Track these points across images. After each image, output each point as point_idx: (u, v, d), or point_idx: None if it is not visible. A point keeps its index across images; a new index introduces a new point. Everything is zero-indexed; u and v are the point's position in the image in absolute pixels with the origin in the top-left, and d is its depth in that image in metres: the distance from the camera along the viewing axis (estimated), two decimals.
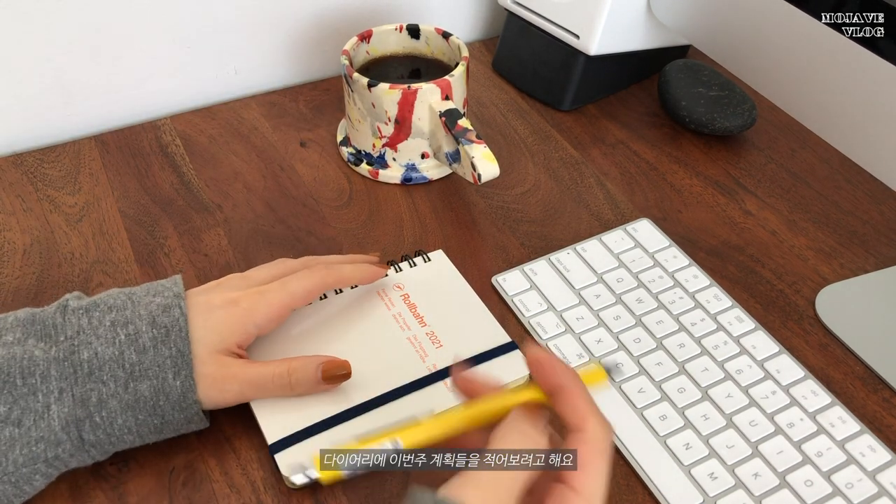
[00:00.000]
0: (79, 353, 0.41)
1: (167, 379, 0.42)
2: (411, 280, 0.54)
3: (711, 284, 0.55)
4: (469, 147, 0.58)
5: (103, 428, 0.41)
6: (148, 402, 0.42)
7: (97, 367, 0.41)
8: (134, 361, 0.42)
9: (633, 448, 0.46)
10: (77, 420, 0.40)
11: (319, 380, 0.45)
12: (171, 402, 0.42)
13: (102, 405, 0.41)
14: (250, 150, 0.67)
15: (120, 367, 0.41)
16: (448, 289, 0.54)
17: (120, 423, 0.41)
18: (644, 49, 0.73)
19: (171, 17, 0.69)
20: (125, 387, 0.41)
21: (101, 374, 0.41)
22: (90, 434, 0.41)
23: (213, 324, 0.45)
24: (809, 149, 0.69)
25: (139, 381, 0.42)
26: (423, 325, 0.51)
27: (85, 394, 0.41)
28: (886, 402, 0.50)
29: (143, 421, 0.42)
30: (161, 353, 0.42)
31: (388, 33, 0.66)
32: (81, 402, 0.41)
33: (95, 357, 0.41)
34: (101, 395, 0.41)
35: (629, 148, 0.69)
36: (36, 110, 0.68)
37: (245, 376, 0.44)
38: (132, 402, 0.41)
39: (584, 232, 0.60)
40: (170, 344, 0.42)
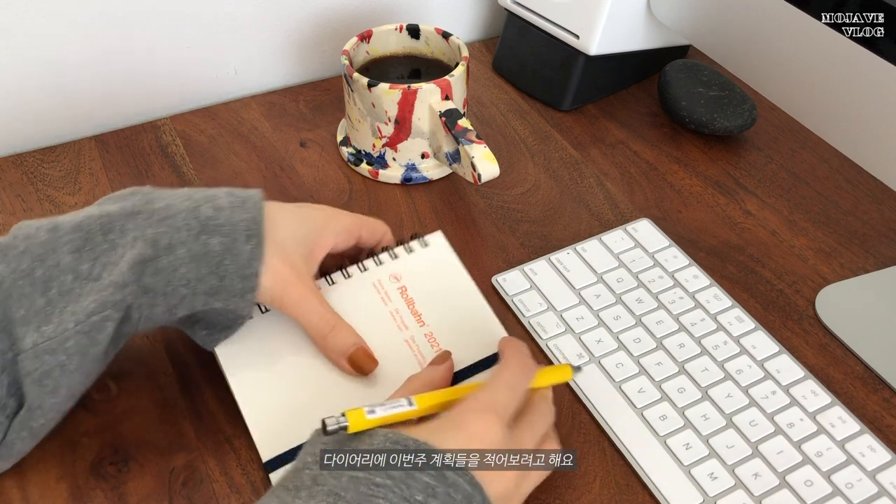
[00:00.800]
0: (152, 204, 0.42)
1: (238, 240, 0.42)
2: (409, 271, 0.51)
3: (711, 284, 0.55)
4: (469, 147, 0.58)
5: (165, 273, 0.41)
6: (215, 257, 0.41)
7: (171, 213, 0.42)
8: (210, 215, 0.42)
9: (633, 448, 0.46)
10: (143, 260, 0.40)
11: (346, 354, 0.46)
12: (237, 264, 0.42)
13: (171, 250, 0.41)
14: (250, 150, 0.67)
15: (194, 217, 0.42)
16: (448, 281, 0.51)
17: (182, 272, 0.41)
18: (644, 49, 0.73)
19: (171, 17, 0.69)
20: (196, 237, 0.41)
21: (175, 220, 0.41)
22: (150, 277, 0.41)
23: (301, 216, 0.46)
24: (809, 149, 0.69)
25: (211, 234, 0.42)
26: (421, 325, 0.49)
27: (157, 236, 0.41)
28: (886, 402, 0.50)
29: (203, 276, 0.42)
30: (236, 214, 0.42)
31: (388, 33, 0.66)
32: (153, 243, 0.41)
33: (171, 206, 0.42)
34: (172, 240, 0.41)
35: (629, 148, 0.69)
36: (36, 110, 0.68)
37: (303, 299, 0.45)
38: (200, 254, 0.41)
39: (584, 232, 0.60)
40: (246, 209, 0.43)
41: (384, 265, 0.51)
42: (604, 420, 0.48)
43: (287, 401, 0.46)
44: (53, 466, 0.45)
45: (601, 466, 0.46)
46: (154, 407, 0.48)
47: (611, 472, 0.46)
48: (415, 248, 0.52)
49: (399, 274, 0.51)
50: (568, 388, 0.50)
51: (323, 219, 0.48)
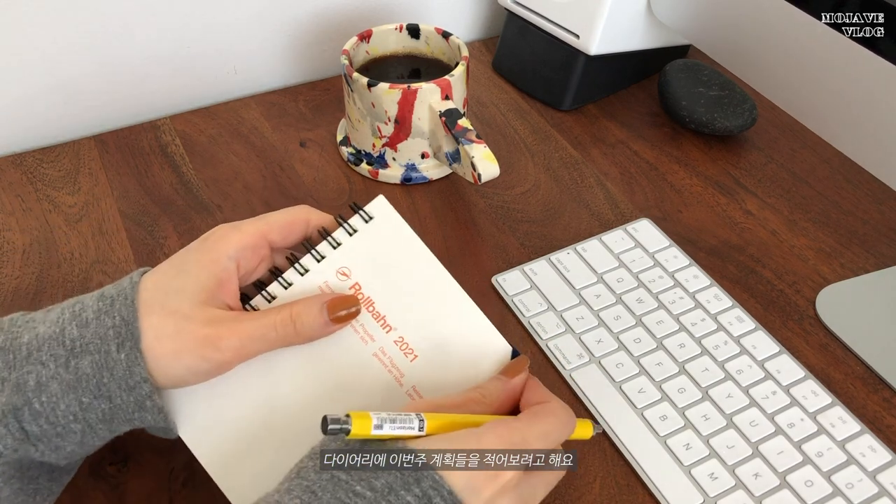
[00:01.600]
0: (20, 338, 0.37)
1: (110, 352, 0.36)
2: (357, 260, 0.43)
3: (711, 284, 0.55)
4: (469, 147, 0.58)
5: (45, 415, 0.36)
6: (91, 379, 0.36)
7: (35, 347, 0.36)
8: (75, 336, 0.37)
9: (633, 448, 0.46)
10: (14, 409, 0.35)
11: (327, 321, 0.40)
12: (115, 379, 0.36)
13: (42, 389, 0.36)
14: (250, 150, 0.67)
15: (60, 344, 0.36)
16: (404, 262, 0.43)
17: (63, 408, 0.36)
18: (644, 49, 0.73)
19: (171, 18, 0.69)
20: (66, 365, 0.36)
21: (40, 354, 0.36)
22: (32, 424, 0.36)
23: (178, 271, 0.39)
24: (809, 149, 0.69)
25: (80, 356, 0.36)
26: (388, 331, 0.42)
27: (21, 378, 0.36)
28: (887, 402, 0.50)
29: (88, 405, 0.36)
30: (104, 323, 0.37)
31: (388, 33, 0.66)
32: (17, 387, 0.36)
33: (35, 338, 0.37)
34: (40, 378, 0.36)
35: (629, 148, 0.69)
36: (36, 110, 0.68)
37: (243, 330, 0.38)
38: (73, 382, 0.36)
39: (584, 232, 0.60)
40: (113, 313, 0.37)
41: (327, 259, 0.43)
42: (604, 420, 0.48)
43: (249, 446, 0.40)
44: None
45: (601, 466, 0.46)
46: None
47: (611, 472, 0.46)
48: (358, 227, 0.43)
49: (347, 269, 0.43)
50: (568, 388, 0.50)
51: (207, 250, 0.40)
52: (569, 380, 0.50)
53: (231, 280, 0.40)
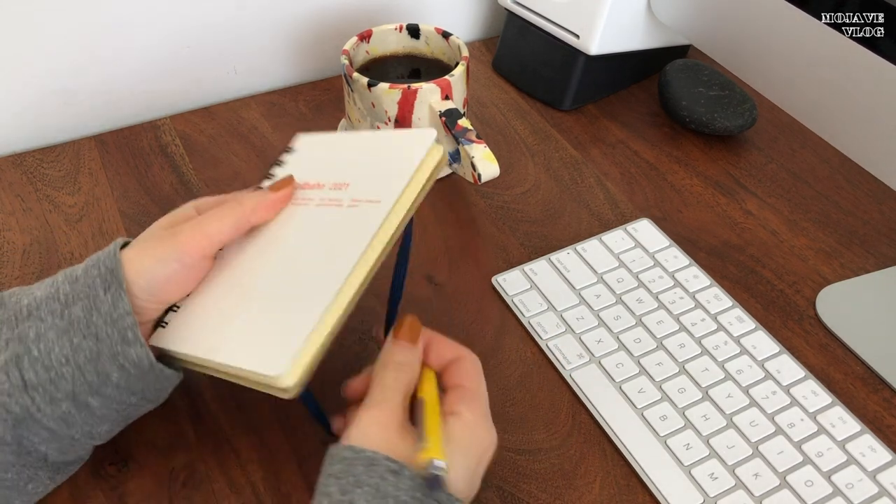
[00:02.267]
0: (20, 302, 0.41)
1: (98, 295, 0.40)
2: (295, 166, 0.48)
3: (712, 284, 0.55)
4: (469, 147, 0.58)
5: (41, 360, 0.39)
6: (81, 321, 0.40)
7: (35, 307, 0.40)
8: (67, 291, 0.41)
9: (634, 448, 0.46)
10: (16, 357, 0.39)
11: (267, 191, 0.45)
12: (102, 315, 0.40)
13: (40, 338, 0.40)
14: (250, 149, 0.67)
15: (55, 300, 0.40)
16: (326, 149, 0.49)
17: (57, 351, 0.39)
18: (644, 49, 0.73)
19: (172, 18, 0.69)
20: (61, 315, 0.40)
21: (39, 311, 0.40)
22: (30, 371, 0.39)
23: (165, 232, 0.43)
24: (809, 149, 0.69)
25: (73, 305, 0.40)
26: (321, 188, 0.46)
27: (23, 332, 0.40)
28: (887, 402, 0.50)
29: (78, 345, 0.40)
30: (90, 274, 0.41)
31: (388, 33, 0.66)
32: (19, 339, 0.39)
33: (34, 300, 0.41)
34: (39, 330, 0.40)
35: (629, 148, 0.69)
36: (36, 110, 0.68)
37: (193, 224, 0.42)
38: (66, 327, 0.40)
39: (584, 232, 0.60)
40: (99, 265, 0.41)
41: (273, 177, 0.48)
42: (604, 420, 0.48)
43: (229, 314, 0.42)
44: None
45: (601, 466, 0.46)
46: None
47: (611, 472, 0.46)
48: (286, 160, 0.49)
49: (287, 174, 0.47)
50: (568, 388, 0.50)
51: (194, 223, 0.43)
52: (569, 380, 0.50)
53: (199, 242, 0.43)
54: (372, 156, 0.46)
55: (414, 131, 0.47)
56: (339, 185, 0.45)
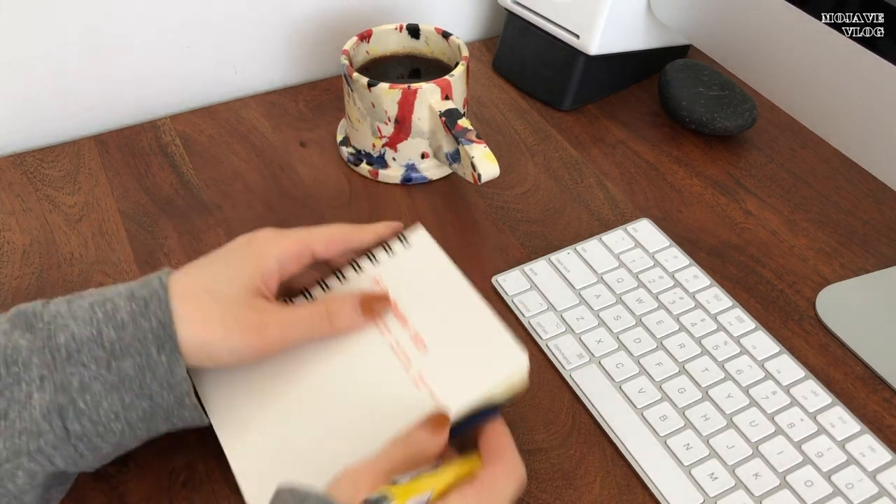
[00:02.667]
0: (55, 338, 0.38)
1: (151, 354, 0.38)
2: (390, 273, 0.46)
3: (711, 284, 0.55)
4: (469, 147, 0.58)
5: (88, 414, 0.38)
6: (133, 380, 0.38)
7: (75, 349, 0.38)
8: (114, 339, 0.38)
9: (633, 448, 0.46)
10: (59, 407, 0.37)
11: (359, 313, 0.43)
12: (157, 379, 0.39)
13: (85, 389, 0.38)
14: (250, 150, 0.67)
15: (99, 346, 0.38)
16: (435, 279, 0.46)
17: (105, 406, 0.38)
18: (644, 49, 0.73)
19: (171, 17, 0.69)
20: (108, 366, 0.38)
21: (80, 356, 0.38)
22: (75, 423, 0.38)
23: (224, 264, 0.42)
24: (809, 149, 0.69)
25: (121, 358, 0.38)
26: (405, 327, 0.44)
27: (65, 379, 0.38)
28: (886, 402, 0.50)
29: (130, 404, 0.38)
30: (141, 326, 0.39)
31: (388, 33, 0.66)
32: (62, 388, 0.37)
33: (73, 339, 0.38)
34: (83, 379, 0.38)
35: (629, 148, 0.69)
36: (36, 110, 0.68)
37: (286, 320, 0.41)
38: (116, 383, 0.38)
39: (584, 232, 0.60)
40: (149, 315, 0.39)
41: (364, 272, 0.47)
42: (604, 420, 0.48)
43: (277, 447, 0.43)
44: None
45: (601, 466, 0.46)
46: None
47: (611, 472, 0.46)
48: (396, 250, 0.47)
49: (380, 277, 0.46)
50: (568, 388, 0.50)
51: (253, 249, 0.43)
52: (569, 380, 0.50)
53: (273, 278, 0.43)
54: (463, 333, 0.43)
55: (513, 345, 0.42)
56: (419, 342, 0.43)
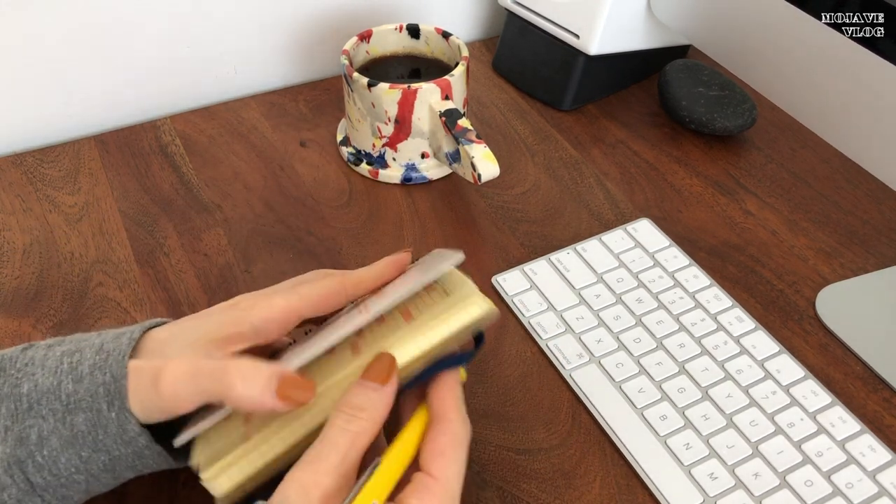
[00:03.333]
0: (20, 387, 0.37)
1: (102, 410, 0.36)
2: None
3: (711, 284, 0.55)
4: (469, 147, 0.58)
5: (48, 468, 0.36)
6: (87, 436, 0.36)
7: (35, 400, 0.36)
8: (70, 391, 0.37)
9: (633, 448, 0.46)
10: (19, 461, 0.36)
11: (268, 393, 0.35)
12: (110, 435, 0.36)
13: (43, 442, 0.36)
14: (250, 150, 0.67)
15: (57, 398, 0.36)
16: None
17: (63, 461, 0.36)
18: (644, 49, 0.73)
19: (171, 18, 0.69)
20: (63, 420, 0.36)
21: (40, 407, 0.36)
22: (36, 476, 0.36)
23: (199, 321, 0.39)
24: (809, 149, 0.69)
25: (75, 413, 0.36)
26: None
27: (23, 431, 0.36)
28: (886, 402, 0.50)
29: (88, 458, 0.37)
30: (95, 380, 0.36)
31: (388, 33, 0.66)
32: (20, 440, 0.36)
33: (35, 389, 0.37)
34: (42, 432, 0.36)
35: (629, 148, 0.69)
36: (36, 110, 0.68)
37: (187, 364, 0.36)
38: (71, 438, 0.36)
39: (584, 232, 0.60)
40: (105, 369, 0.37)
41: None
42: (604, 420, 0.48)
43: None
44: None
45: (601, 466, 0.46)
46: None
47: (611, 472, 0.46)
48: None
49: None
50: (568, 388, 0.50)
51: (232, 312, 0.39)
52: (569, 380, 0.50)
53: (244, 341, 0.39)
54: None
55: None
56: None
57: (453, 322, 0.37)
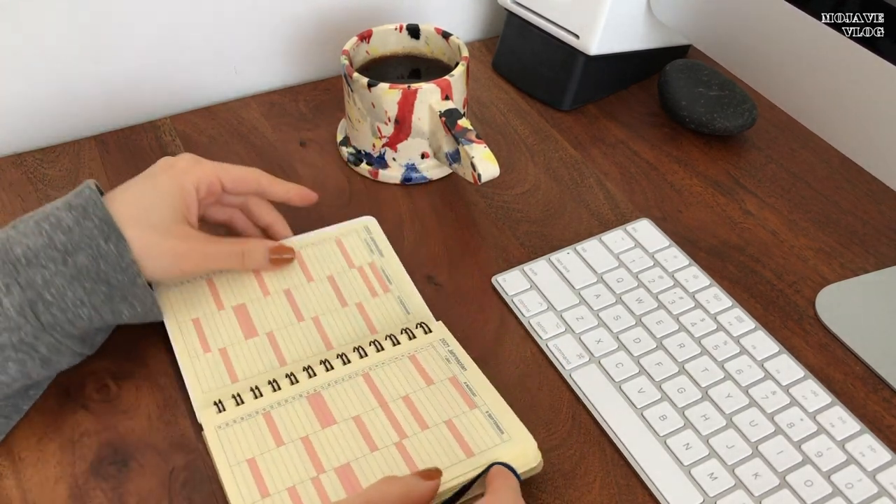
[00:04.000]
0: (13, 251, 0.43)
1: (100, 245, 0.44)
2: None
3: (711, 284, 0.55)
4: (469, 147, 0.58)
5: (57, 304, 0.43)
6: (90, 269, 0.44)
7: (33, 255, 0.43)
8: (64, 241, 0.44)
9: (633, 448, 0.46)
10: (30, 302, 0.43)
11: (268, 260, 0.53)
12: (109, 264, 0.44)
13: (49, 284, 0.43)
14: (250, 150, 0.67)
15: (53, 248, 0.44)
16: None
17: (70, 295, 0.43)
18: (644, 49, 0.73)
19: (171, 18, 0.69)
20: (64, 263, 0.43)
21: (39, 259, 0.43)
22: (46, 314, 0.43)
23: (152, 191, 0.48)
24: (809, 149, 0.69)
25: (74, 254, 0.44)
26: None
27: (29, 279, 0.43)
28: (886, 402, 0.50)
29: (91, 289, 0.44)
30: (85, 226, 0.44)
31: (388, 33, 0.66)
32: (28, 285, 0.43)
33: (29, 249, 0.43)
34: (45, 277, 0.43)
35: (629, 148, 0.69)
36: (36, 110, 0.68)
37: (205, 251, 0.49)
38: (75, 273, 0.44)
39: (584, 232, 0.60)
40: (91, 216, 0.45)
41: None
42: (604, 420, 0.48)
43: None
44: (53, 467, 0.45)
45: (601, 466, 0.46)
46: (154, 407, 0.48)
47: (611, 472, 0.46)
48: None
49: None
50: (568, 388, 0.50)
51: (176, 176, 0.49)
52: (569, 380, 0.50)
53: (194, 204, 0.50)
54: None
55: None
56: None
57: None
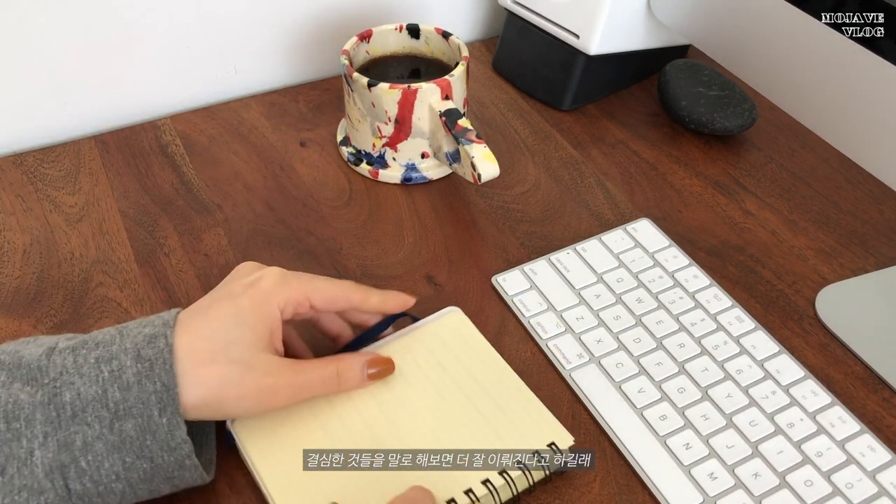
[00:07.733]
0: (61, 395, 0.39)
1: (153, 416, 0.39)
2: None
3: (711, 284, 0.55)
4: (469, 147, 0.58)
5: (89, 474, 0.38)
6: (134, 442, 0.39)
7: (80, 408, 0.38)
8: (118, 399, 0.39)
9: (633, 448, 0.46)
10: (62, 466, 0.38)
11: (365, 377, 0.46)
12: (158, 441, 0.39)
13: (88, 448, 0.38)
14: (250, 150, 0.67)
15: (104, 406, 0.39)
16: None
17: (107, 467, 0.38)
18: (644, 49, 0.73)
19: (171, 18, 0.69)
20: (110, 427, 0.38)
21: (85, 415, 0.38)
22: (76, 482, 0.38)
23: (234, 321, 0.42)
24: (809, 149, 0.69)
25: (124, 419, 0.39)
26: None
27: (69, 437, 0.38)
28: (886, 402, 0.50)
29: (131, 465, 0.39)
30: (146, 388, 0.39)
31: (388, 33, 0.66)
32: (65, 446, 0.38)
33: (78, 398, 0.39)
34: (87, 438, 0.38)
35: (629, 148, 0.69)
36: (36, 110, 0.68)
37: (296, 382, 0.43)
38: (118, 444, 0.38)
39: (584, 232, 0.60)
40: (154, 378, 0.39)
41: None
42: (604, 420, 0.48)
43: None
44: None
45: (601, 466, 0.46)
46: None
47: (611, 472, 0.46)
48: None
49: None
50: (568, 388, 0.50)
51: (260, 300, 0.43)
52: (569, 380, 0.50)
53: (278, 329, 0.44)
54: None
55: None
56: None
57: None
